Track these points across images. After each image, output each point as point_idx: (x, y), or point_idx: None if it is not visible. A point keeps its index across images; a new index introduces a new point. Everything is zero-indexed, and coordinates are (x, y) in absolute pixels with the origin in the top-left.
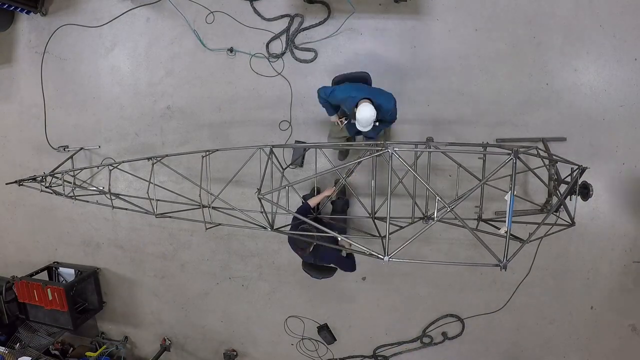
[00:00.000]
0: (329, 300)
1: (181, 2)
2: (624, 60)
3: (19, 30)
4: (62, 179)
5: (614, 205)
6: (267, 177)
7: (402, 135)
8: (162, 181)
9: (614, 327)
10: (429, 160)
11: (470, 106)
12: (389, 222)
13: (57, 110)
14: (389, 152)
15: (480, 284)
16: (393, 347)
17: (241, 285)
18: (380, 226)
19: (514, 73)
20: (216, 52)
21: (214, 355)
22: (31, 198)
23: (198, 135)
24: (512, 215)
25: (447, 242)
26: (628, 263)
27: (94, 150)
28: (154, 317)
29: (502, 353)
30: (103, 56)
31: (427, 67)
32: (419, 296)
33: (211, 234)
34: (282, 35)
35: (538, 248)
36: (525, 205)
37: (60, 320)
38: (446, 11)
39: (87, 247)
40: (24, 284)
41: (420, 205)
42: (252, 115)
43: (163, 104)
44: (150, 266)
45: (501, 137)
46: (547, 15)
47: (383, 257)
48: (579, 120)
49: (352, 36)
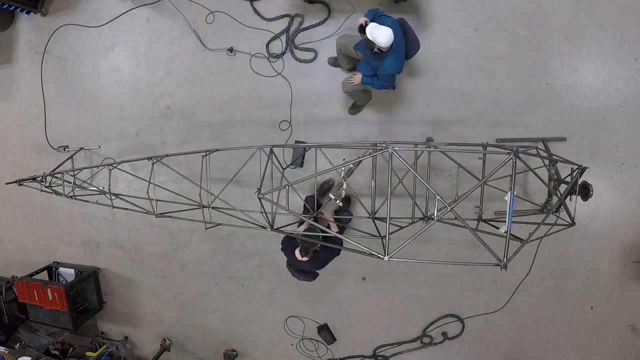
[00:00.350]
0: (329, 300)
1: (181, 2)
2: (624, 60)
3: (19, 30)
4: (62, 179)
5: (614, 205)
6: (267, 177)
7: (402, 135)
8: (162, 181)
9: (614, 327)
10: (429, 160)
11: (470, 106)
12: (389, 221)
13: (57, 110)
14: (389, 152)
15: (480, 284)
16: (393, 347)
17: (241, 285)
18: (381, 227)
19: (514, 73)
20: (216, 52)
21: (214, 355)
22: (31, 198)
23: (198, 135)
24: (512, 215)
25: (447, 242)
26: (628, 263)
27: (94, 150)
28: (154, 317)
29: (502, 353)
30: (103, 56)
31: (427, 67)
32: (419, 296)
33: (211, 234)
34: (282, 35)
35: (538, 248)
36: (525, 205)
37: (60, 320)
38: (446, 11)
39: (87, 247)
40: (24, 284)
41: (420, 206)
42: (252, 115)
43: (163, 104)
44: (150, 266)
45: (501, 137)
46: (547, 15)
47: (383, 256)
48: (579, 120)
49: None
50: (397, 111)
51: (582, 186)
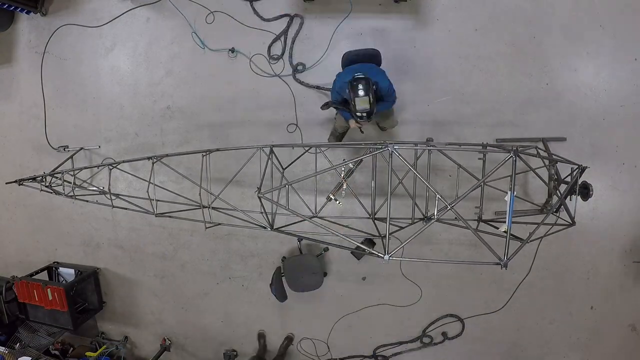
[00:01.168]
0: (329, 300)
1: (181, 2)
2: (624, 60)
3: (19, 30)
4: (62, 178)
5: (614, 205)
6: (267, 177)
7: (401, 135)
8: (162, 181)
9: (614, 327)
10: (429, 160)
11: (470, 106)
12: (389, 221)
13: (57, 110)
14: (389, 150)
15: (480, 284)
16: (393, 347)
17: (241, 285)
18: (381, 227)
19: (514, 73)
20: (216, 52)
21: (214, 355)
22: (31, 198)
23: (198, 135)
24: (512, 214)
25: (447, 242)
26: (628, 263)
27: (94, 150)
28: (154, 317)
29: (502, 353)
30: (103, 56)
31: (427, 67)
32: (419, 296)
33: (211, 234)
34: (281, 36)
35: (538, 248)
36: (525, 205)
37: (60, 320)
38: (446, 11)
39: (87, 247)
40: (24, 284)
41: (421, 206)
42: (252, 115)
43: (163, 104)
44: (150, 266)
45: (501, 137)
46: (547, 15)
47: (383, 255)
48: (579, 120)
49: (352, 36)
50: (397, 111)
51: (582, 186)
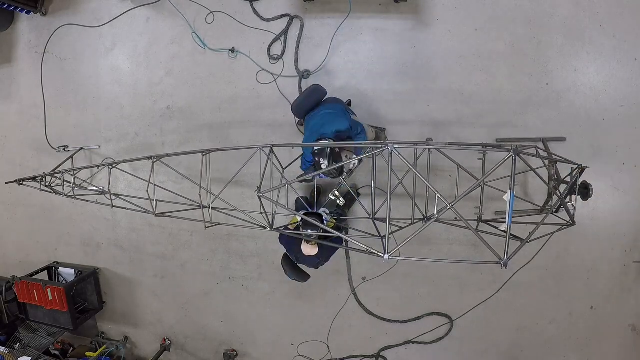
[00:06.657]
0: (329, 300)
1: (181, 2)
2: (624, 60)
3: (19, 30)
4: (62, 178)
5: (614, 205)
6: (267, 177)
7: (401, 136)
8: (162, 181)
9: (614, 327)
10: (429, 160)
11: (470, 106)
12: (389, 221)
13: (57, 110)
14: (389, 150)
15: (480, 284)
16: (393, 347)
17: (241, 285)
18: (381, 227)
19: (514, 73)
20: (216, 53)
21: (214, 355)
22: (31, 198)
23: (198, 135)
24: (512, 214)
25: (447, 243)
26: (628, 263)
27: (94, 150)
28: (154, 317)
29: (502, 353)
30: (103, 56)
31: (427, 67)
32: (418, 296)
33: (211, 234)
34: (282, 36)
35: (542, 247)
36: (525, 205)
37: (60, 320)
38: (446, 11)
39: (87, 247)
40: (24, 284)
41: (420, 207)
42: (252, 115)
43: (163, 104)
44: (150, 266)
45: (501, 137)
46: (547, 15)
47: (383, 255)
48: (579, 120)
49: (352, 36)
50: (397, 111)
51: (582, 186)
